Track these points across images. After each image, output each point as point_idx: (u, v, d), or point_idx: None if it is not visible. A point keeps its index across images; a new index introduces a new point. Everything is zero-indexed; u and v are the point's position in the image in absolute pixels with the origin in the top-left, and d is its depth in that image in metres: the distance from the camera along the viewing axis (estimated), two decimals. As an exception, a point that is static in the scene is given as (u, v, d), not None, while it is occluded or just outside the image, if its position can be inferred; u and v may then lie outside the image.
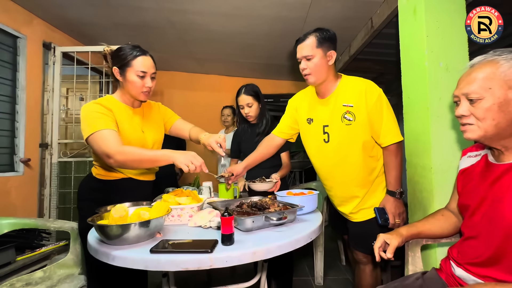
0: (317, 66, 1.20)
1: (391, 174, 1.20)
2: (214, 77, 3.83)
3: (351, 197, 1.26)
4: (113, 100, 1.11)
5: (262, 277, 1.05)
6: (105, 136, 0.97)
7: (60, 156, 2.33)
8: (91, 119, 1.01)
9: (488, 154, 0.80)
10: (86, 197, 1.14)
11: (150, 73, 1.08)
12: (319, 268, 1.99)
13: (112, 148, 0.95)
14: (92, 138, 0.99)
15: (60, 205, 2.30)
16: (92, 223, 0.78)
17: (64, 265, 1.31)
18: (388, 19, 1.77)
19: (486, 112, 0.69)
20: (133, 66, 1.05)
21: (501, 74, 0.68)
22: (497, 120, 0.68)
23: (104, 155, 0.96)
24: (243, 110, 1.59)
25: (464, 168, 0.87)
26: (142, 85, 1.07)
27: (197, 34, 2.53)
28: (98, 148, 0.97)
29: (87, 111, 1.04)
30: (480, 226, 0.74)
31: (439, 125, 1.23)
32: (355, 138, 1.19)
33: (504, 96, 0.67)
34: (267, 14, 2.09)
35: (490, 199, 0.72)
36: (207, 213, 0.98)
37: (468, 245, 0.78)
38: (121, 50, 1.06)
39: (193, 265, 0.68)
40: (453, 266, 0.83)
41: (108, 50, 1.09)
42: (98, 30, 2.53)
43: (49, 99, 2.33)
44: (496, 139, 0.71)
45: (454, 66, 1.25)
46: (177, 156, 0.96)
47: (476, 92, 0.70)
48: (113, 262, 0.72)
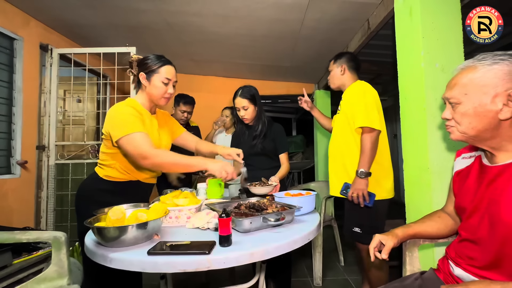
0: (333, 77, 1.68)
1: (360, 156, 1.42)
2: (213, 78, 3.83)
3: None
4: (137, 104, 1.18)
5: (260, 278, 1.05)
6: (141, 138, 1.03)
7: (57, 158, 2.32)
8: (124, 120, 1.06)
9: (482, 155, 0.81)
10: (88, 198, 1.15)
11: (173, 81, 1.19)
12: (317, 268, 1.99)
13: (150, 150, 1.02)
14: (126, 139, 1.03)
15: (57, 208, 2.29)
16: (89, 225, 0.78)
17: (46, 278, 1.16)
18: (385, 20, 1.78)
19: (463, 116, 0.72)
20: (160, 73, 1.15)
21: (476, 80, 0.70)
22: (473, 124, 0.71)
23: (140, 157, 1.02)
24: (239, 113, 1.60)
25: (459, 170, 0.87)
26: (165, 91, 1.16)
27: (195, 36, 2.54)
28: (134, 149, 1.02)
29: (119, 112, 1.09)
30: (478, 230, 0.74)
31: (436, 126, 1.24)
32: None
33: (479, 101, 0.69)
34: (265, 16, 2.10)
35: (486, 201, 0.72)
36: (205, 214, 0.98)
37: (466, 247, 0.78)
38: (148, 58, 1.17)
39: (191, 267, 0.68)
40: (452, 265, 0.83)
41: (135, 57, 1.19)
42: (96, 31, 2.53)
43: (46, 101, 2.32)
44: (479, 140, 0.73)
45: (450, 67, 1.26)
46: (211, 165, 1.06)
47: (454, 97, 0.73)
48: (110, 264, 0.71)
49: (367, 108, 1.41)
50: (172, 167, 1.08)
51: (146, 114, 1.18)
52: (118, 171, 1.15)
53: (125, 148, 1.04)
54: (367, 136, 1.40)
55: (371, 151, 1.39)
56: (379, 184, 1.47)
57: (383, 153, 1.52)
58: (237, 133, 1.74)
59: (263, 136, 1.59)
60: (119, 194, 1.13)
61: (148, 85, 1.16)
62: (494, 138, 0.71)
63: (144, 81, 1.16)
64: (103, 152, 1.16)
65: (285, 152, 1.64)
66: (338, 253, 2.36)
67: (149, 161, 1.02)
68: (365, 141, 1.40)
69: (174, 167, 1.08)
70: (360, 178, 1.39)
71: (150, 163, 1.03)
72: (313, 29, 2.24)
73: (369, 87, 1.52)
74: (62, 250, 1.19)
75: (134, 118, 1.07)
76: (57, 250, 1.18)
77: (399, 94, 1.47)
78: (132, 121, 1.06)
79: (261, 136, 1.59)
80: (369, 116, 1.40)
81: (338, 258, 2.36)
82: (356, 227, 1.49)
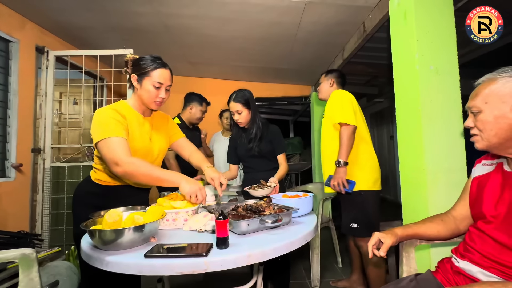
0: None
1: (339, 148, 1.59)
2: (210, 80, 3.83)
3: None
4: (126, 106, 1.14)
5: (258, 280, 1.05)
6: (116, 144, 0.98)
7: (53, 161, 2.30)
8: (104, 124, 1.02)
9: (503, 162, 0.84)
10: (83, 201, 1.13)
11: (166, 85, 1.13)
12: (315, 270, 1.99)
13: (122, 157, 0.96)
14: (102, 144, 0.99)
15: (53, 211, 2.27)
16: (85, 228, 0.77)
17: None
18: (380, 23, 1.80)
19: (485, 123, 0.78)
20: (151, 76, 1.10)
21: (496, 90, 0.76)
22: (494, 131, 0.76)
23: (112, 162, 0.97)
24: (234, 116, 1.61)
25: (478, 175, 0.89)
26: (156, 95, 1.12)
27: (192, 38, 2.54)
28: (108, 154, 0.98)
29: (101, 115, 1.05)
30: (499, 235, 0.75)
31: (431, 127, 1.25)
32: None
33: (498, 109, 0.75)
34: (261, 19, 2.11)
35: (507, 207, 0.75)
36: (202, 216, 0.98)
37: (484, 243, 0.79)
38: (142, 60, 1.12)
39: (188, 269, 0.68)
40: (456, 260, 0.84)
41: (131, 57, 1.14)
42: (92, 34, 2.52)
43: (42, 104, 2.31)
44: (502, 148, 0.78)
45: (444, 69, 1.28)
46: (184, 184, 0.99)
47: (475, 106, 0.79)
48: (106, 267, 0.71)
49: (343, 107, 1.61)
50: (144, 179, 0.99)
51: (136, 117, 1.14)
52: (107, 175, 1.12)
53: (100, 152, 1.00)
54: (343, 130, 1.59)
55: (347, 142, 1.57)
56: (365, 175, 1.63)
57: (365, 148, 1.69)
58: (233, 136, 1.75)
59: (259, 138, 1.60)
60: (109, 198, 1.11)
61: (139, 88, 1.12)
62: None
63: (135, 83, 1.12)
64: (95, 155, 1.15)
65: (283, 153, 1.64)
66: (336, 254, 2.36)
67: (121, 168, 0.96)
68: (341, 134, 1.59)
69: (146, 179, 0.99)
70: (339, 168, 1.57)
71: (122, 171, 0.97)
72: (309, 32, 2.26)
73: (345, 92, 1.72)
74: (33, 268, 1.01)
75: (115, 122, 1.03)
76: (27, 269, 0.99)
77: (394, 96, 1.49)
78: (111, 124, 1.01)
79: (256, 139, 1.59)
80: (344, 114, 1.59)
81: (336, 259, 2.36)
82: (353, 223, 1.63)
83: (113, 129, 1.00)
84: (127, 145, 1.01)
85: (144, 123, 1.17)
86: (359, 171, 1.63)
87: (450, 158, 1.24)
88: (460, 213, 0.93)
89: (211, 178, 1.15)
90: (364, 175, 1.63)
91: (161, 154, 1.24)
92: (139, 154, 1.10)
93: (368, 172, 1.65)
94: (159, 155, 1.23)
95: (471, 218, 0.89)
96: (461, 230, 0.93)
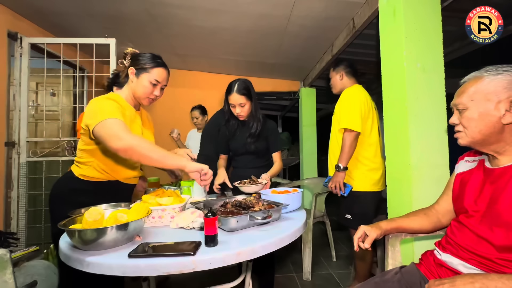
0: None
1: (340, 152, 1.62)
2: (198, 73, 3.74)
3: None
4: (121, 99, 1.12)
5: (246, 277, 1.04)
6: (116, 123, 0.96)
7: (29, 155, 2.17)
8: (102, 109, 0.99)
9: (485, 159, 0.86)
10: (63, 198, 1.07)
11: (162, 84, 1.15)
12: (307, 264, 2.01)
13: (126, 132, 0.94)
14: (102, 124, 0.95)
15: (30, 208, 2.15)
16: (63, 227, 0.72)
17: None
18: (369, 20, 1.81)
19: (470, 120, 0.79)
20: (151, 73, 1.11)
21: (482, 88, 0.77)
22: (479, 128, 0.77)
23: (114, 137, 0.92)
24: (235, 109, 1.48)
25: (461, 172, 0.92)
26: (150, 92, 1.13)
27: (179, 29, 2.45)
28: (108, 131, 0.94)
29: (97, 103, 1.03)
30: (479, 229, 0.78)
31: (417, 124, 1.28)
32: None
33: (483, 106, 0.76)
34: (251, 11, 2.07)
35: (488, 200, 0.78)
36: (189, 213, 0.95)
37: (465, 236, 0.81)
38: (143, 56, 1.13)
39: (174, 269, 0.66)
40: (438, 253, 0.87)
41: (131, 50, 1.15)
42: (71, 20, 2.37)
43: (16, 94, 2.16)
44: (485, 144, 0.80)
45: (430, 67, 1.31)
46: (189, 164, 0.98)
47: (461, 103, 0.80)
48: (87, 269, 0.67)
49: (349, 112, 1.61)
50: (146, 157, 0.94)
51: (130, 110, 1.14)
52: (95, 170, 1.08)
53: (99, 134, 0.95)
54: (346, 136, 1.60)
55: (349, 149, 1.59)
56: (365, 177, 1.65)
57: (368, 150, 1.66)
58: (227, 128, 1.60)
59: (257, 135, 1.52)
60: (96, 195, 1.06)
61: (135, 81, 1.12)
62: (499, 142, 0.78)
63: (132, 76, 1.13)
64: (81, 149, 1.09)
65: (278, 151, 1.59)
66: (330, 248, 2.38)
67: (124, 142, 0.91)
68: (344, 140, 1.61)
69: (148, 157, 0.94)
70: (338, 172, 1.60)
71: (125, 144, 0.91)
72: (299, 26, 2.24)
73: (358, 92, 1.68)
74: (7, 270, 0.97)
75: (114, 107, 1.01)
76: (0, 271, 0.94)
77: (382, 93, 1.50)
78: (110, 108, 1.00)
79: (255, 135, 1.51)
80: (350, 119, 1.59)
81: (330, 253, 2.38)
82: (348, 214, 1.69)
83: (112, 112, 0.98)
84: (128, 127, 0.98)
85: (137, 117, 1.17)
86: (357, 171, 1.66)
87: (434, 154, 1.28)
88: (443, 207, 0.96)
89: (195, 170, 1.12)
90: (363, 177, 1.65)
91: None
92: None
93: (367, 174, 1.65)
94: None
95: (453, 212, 0.92)
96: (444, 224, 0.96)
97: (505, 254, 0.72)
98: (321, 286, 1.93)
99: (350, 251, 2.46)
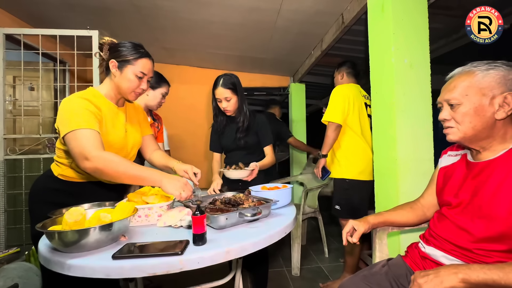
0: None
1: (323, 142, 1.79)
2: (185, 68, 3.66)
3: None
4: (99, 96, 1.04)
5: (237, 274, 1.03)
6: (86, 136, 0.89)
7: (7, 153, 2.06)
8: (73, 114, 0.91)
9: (467, 154, 0.87)
10: (42, 199, 1.02)
11: (148, 76, 1.08)
12: (296, 259, 2.03)
13: (92, 151, 0.87)
14: (70, 136, 0.89)
15: (10, 208, 2.05)
16: (42, 229, 0.69)
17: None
18: (358, 15, 1.81)
19: (464, 116, 0.77)
20: (135, 65, 1.03)
21: (476, 83, 0.76)
22: (473, 123, 0.77)
23: (81, 156, 0.87)
24: (221, 104, 1.48)
25: (445, 166, 0.93)
26: (137, 85, 1.05)
27: (165, 21, 2.37)
28: (76, 147, 0.88)
29: (70, 104, 0.94)
30: (461, 217, 0.80)
31: (404, 119, 1.30)
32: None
33: (479, 101, 0.76)
34: (240, 4, 2.02)
35: (470, 193, 0.79)
36: (177, 211, 0.93)
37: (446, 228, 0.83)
38: (124, 46, 1.03)
39: (161, 270, 0.64)
40: (422, 245, 0.89)
41: (107, 40, 1.05)
42: (50, 11, 2.25)
43: (-9, 88, 2.03)
44: (475, 140, 0.80)
45: (417, 63, 1.32)
46: (166, 183, 0.92)
47: (455, 98, 0.78)
48: (68, 272, 0.64)
49: (332, 105, 1.76)
50: (117, 176, 0.89)
51: (110, 107, 1.05)
52: (75, 171, 1.02)
53: (69, 146, 0.90)
54: (328, 126, 1.77)
55: (329, 139, 1.76)
56: (350, 164, 1.78)
57: (352, 137, 1.80)
58: (217, 125, 1.61)
59: (245, 129, 1.51)
60: (76, 196, 1.01)
61: (118, 75, 1.03)
62: (488, 137, 0.78)
63: (115, 69, 1.03)
64: (59, 148, 1.03)
65: (269, 144, 1.58)
66: (322, 244, 2.40)
67: (90, 163, 0.86)
68: (327, 131, 1.78)
69: (121, 176, 0.89)
70: (319, 159, 1.82)
71: (92, 167, 0.87)
72: (289, 20, 2.21)
73: (344, 88, 1.81)
74: None
75: (87, 113, 0.93)
76: None
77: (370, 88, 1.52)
78: (82, 115, 0.92)
79: (243, 129, 1.50)
80: (331, 112, 1.75)
81: (322, 249, 2.41)
82: (337, 205, 1.82)
83: (84, 120, 0.91)
84: (100, 138, 0.92)
85: (118, 114, 1.09)
86: (344, 159, 1.80)
87: (420, 149, 1.31)
88: (428, 200, 0.98)
89: (183, 170, 1.12)
90: (348, 164, 1.78)
91: (135, 147, 1.16)
92: (114, 149, 1.01)
93: (353, 162, 1.77)
94: (133, 148, 1.14)
95: (437, 205, 0.95)
96: (428, 217, 0.98)
97: (483, 244, 0.74)
98: (310, 279, 1.96)
99: (342, 245, 2.51)
